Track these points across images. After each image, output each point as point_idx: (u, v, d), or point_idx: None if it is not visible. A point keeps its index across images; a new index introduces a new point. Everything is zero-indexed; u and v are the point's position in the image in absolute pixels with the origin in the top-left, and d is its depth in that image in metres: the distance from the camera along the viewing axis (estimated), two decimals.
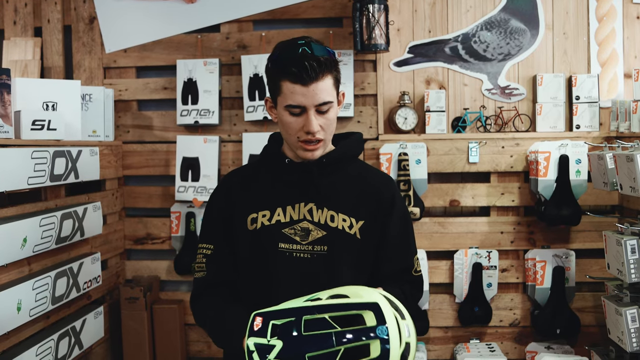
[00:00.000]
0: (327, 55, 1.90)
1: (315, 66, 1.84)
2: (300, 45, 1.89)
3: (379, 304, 1.58)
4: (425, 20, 3.62)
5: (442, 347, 3.62)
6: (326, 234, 1.96)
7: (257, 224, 1.99)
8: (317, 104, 1.88)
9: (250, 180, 2.08)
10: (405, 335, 1.61)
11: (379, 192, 2.05)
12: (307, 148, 1.94)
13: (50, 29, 3.76)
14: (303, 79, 1.85)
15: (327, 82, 1.89)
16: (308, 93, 1.86)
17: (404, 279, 2.08)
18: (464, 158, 3.53)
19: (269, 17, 3.66)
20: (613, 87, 3.55)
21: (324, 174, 2.01)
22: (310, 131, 1.89)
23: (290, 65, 1.85)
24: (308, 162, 1.99)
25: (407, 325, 1.64)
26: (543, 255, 3.47)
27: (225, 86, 3.70)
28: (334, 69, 1.91)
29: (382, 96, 3.61)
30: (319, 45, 1.91)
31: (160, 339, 3.61)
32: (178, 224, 3.68)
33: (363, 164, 2.16)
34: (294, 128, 1.92)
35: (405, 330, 1.62)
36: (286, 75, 1.87)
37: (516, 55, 3.59)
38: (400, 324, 1.61)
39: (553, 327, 3.40)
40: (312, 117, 1.89)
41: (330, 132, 1.97)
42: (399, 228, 2.06)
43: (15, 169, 2.55)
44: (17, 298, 2.51)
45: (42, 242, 2.71)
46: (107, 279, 3.51)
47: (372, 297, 1.62)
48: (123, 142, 3.75)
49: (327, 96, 1.89)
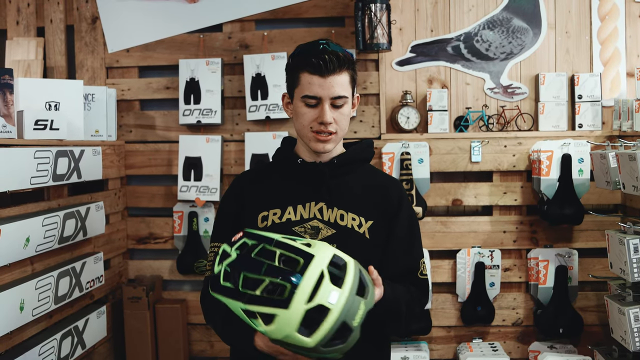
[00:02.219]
0: (346, 53, 1.99)
1: (335, 59, 1.94)
2: (321, 43, 1.99)
3: (313, 258, 1.66)
4: (428, 20, 3.62)
5: (445, 346, 3.62)
6: (335, 232, 1.99)
7: (268, 221, 2.02)
8: (333, 97, 1.95)
9: (261, 179, 2.13)
10: (324, 298, 1.62)
11: (387, 194, 2.09)
12: (320, 138, 1.99)
13: (52, 29, 3.76)
14: (321, 70, 1.93)
15: (344, 77, 1.97)
16: (325, 84, 1.94)
17: (408, 282, 2.08)
18: (466, 157, 3.53)
19: (271, 16, 3.66)
20: (615, 86, 3.54)
21: (335, 174, 2.05)
22: (324, 121, 1.95)
23: (311, 57, 1.94)
24: (320, 162, 2.05)
25: (336, 293, 1.64)
26: (546, 254, 3.46)
27: (228, 86, 3.70)
28: (351, 67, 2.00)
29: (384, 95, 3.61)
30: (339, 46, 2.02)
31: (162, 338, 3.61)
32: (180, 223, 3.68)
33: (372, 168, 2.21)
34: (308, 119, 1.98)
35: (328, 295, 1.63)
36: (305, 67, 1.95)
37: (518, 54, 3.59)
38: (323, 286, 1.63)
39: (556, 326, 3.40)
40: (326, 108, 1.95)
41: (343, 128, 2.02)
42: (405, 230, 2.09)
43: (18, 169, 2.56)
44: (20, 297, 2.52)
45: (44, 242, 2.71)
46: (110, 279, 3.51)
47: (320, 252, 1.69)
48: (125, 142, 3.75)
49: (342, 90, 1.96)
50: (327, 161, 2.06)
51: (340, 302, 1.64)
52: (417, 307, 2.08)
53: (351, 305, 1.65)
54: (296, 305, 1.62)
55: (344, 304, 1.64)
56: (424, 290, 2.13)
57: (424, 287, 2.13)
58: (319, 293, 1.63)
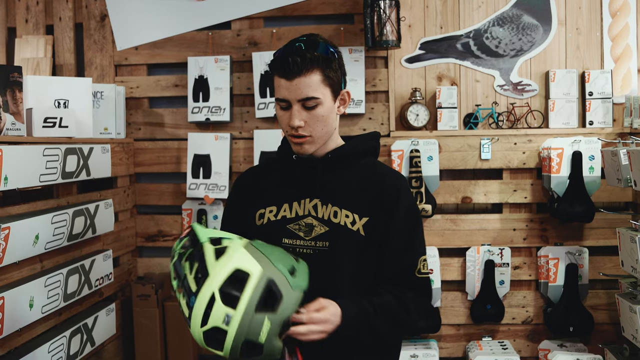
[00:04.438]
0: (321, 52, 1.90)
1: (299, 61, 1.87)
2: (297, 42, 1.93)
3: (207, 278, 1.68)
4: (437, 16, 3.60)
5: (454, 344, 3.61)
6: (328, 230, 1.95)
7: (264, 219, 2.01)
8: (300, 99, 1.90)
9: (261, 177, 2.12)
10: (217, 321, 1.64)
11: (384, 188, 2.01)
12: (294, 142, 1.97)
13: (61, 27, 3.77)
14: (286, 73, 1.89)
15: (313, 78, 1.90)
16: (291, 87, 1.89)
17: (405, 284, 1.98)
18: (476, 155, 3.51)
19: (279, 13, 3.65)
20: (626, 83, 3.52)
21: (329, 169, 2.01)
22: (292, 125, 1.92)
23: (279, 59, 1.91)
24: (314, 157, 2.00)
25: (230, 314, 1.63)
26: (556, 252, 3.45)
27: (237, 83, 3.69)
28: (324, 65, 1.91)
29: (393, 93, 3.60)
30: (321, 43, 1.93)
31: (171, 335, 3.61)
32: (189, 221, 3.68)
33: (374, 161, 2.13)
34: (284, 122, 1.96)
35: (221, 317, 1.63)
36: (274, 70, 1.93)
37: (528, 51, 3.57)
38: (215, 308, 1.64)
39: (566, 324, 3.38)
40: (294, 112, 1.91)
41: (319, 129, 1.95)
42: (403, 223, 1.99)
43: (27, 166, 2.56)
44: (30, 295, 2.53)
45: (54, 239, 2.72)
46: (119, 276, 3.52)
47: (217, 269, 1.69)
48: (134, 140, 3.75)
49: (311, 92, 1.90)
50: (321, 156, 2.01)
51: (234, 323, 1.63)
52: (407, 314, 1.95)
53: (249, 323, 1.64)
54: (194, 327, 1.67)
55: (239, 324, 1.63)
56: (422, 290, 2.02)
57: (423, 287, 2.02)
58: (212, 316, 1.64)
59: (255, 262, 1.71)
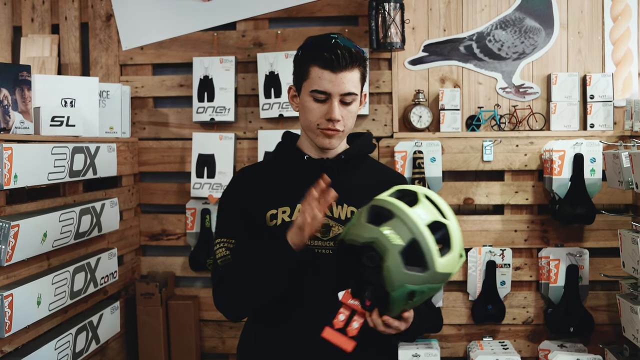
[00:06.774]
0: (357, 49, 1.96)
1: (347, 56, 1.90)
2: (332, 37, 1.95)
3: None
4: (440, 19, 3.63)
5: (456, 344, 3.63)
6: None
7: (278, 220, 1.99)
8: (343, 93, 1.92)
9: (266, 176, 2.09)
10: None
11: (392, 187, 2.00)
12: (327, 134, 1.96)
13: (67, 26, 3.79)
14: (333, 66, 1.90)
15: (355, 74, 1.94)
16: (336, 80, 1.91)
17: None
18: (478, 156, 3.54)
19: (284, 15, 3.68)
20: (627, 86, 3.55)
21: (342, 170, 2.03)
22: (332, 118, 1.93)
23: (323, 51, 1.91)
24: (327, 158, 2.03)
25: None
26: (557, 253, 3.47)
27: (241, 84, 3.72)
28: (362, 64, 1.97)
29: (397, 94, 3.63)
30: (350, 41, 1.98)
31: (175, 334, 3.63)
32: (193, 220, 3.70)
33: (374, 162, 2.19)
34: (316, 114, 1.95)
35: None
36: (316, 61, 1.92)
37: (531, 54, 3.60)
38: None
39: (566, 325, 3.41)
40: (335, 105, 1.93)
41: (349, 125, 2.00)
42: None
43: (36, 165, 2.58)
44: (37, 292, 2.55)
45: (61, 237, 2.74)
46: (123, 275, 3.54)
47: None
48: (139, 139, 3.77)
49: (352, 87, 1.94)
50: (333, 157, 2.04)
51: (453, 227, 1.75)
52: (429, 309, 2.01)
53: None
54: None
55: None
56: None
57: None
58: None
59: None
